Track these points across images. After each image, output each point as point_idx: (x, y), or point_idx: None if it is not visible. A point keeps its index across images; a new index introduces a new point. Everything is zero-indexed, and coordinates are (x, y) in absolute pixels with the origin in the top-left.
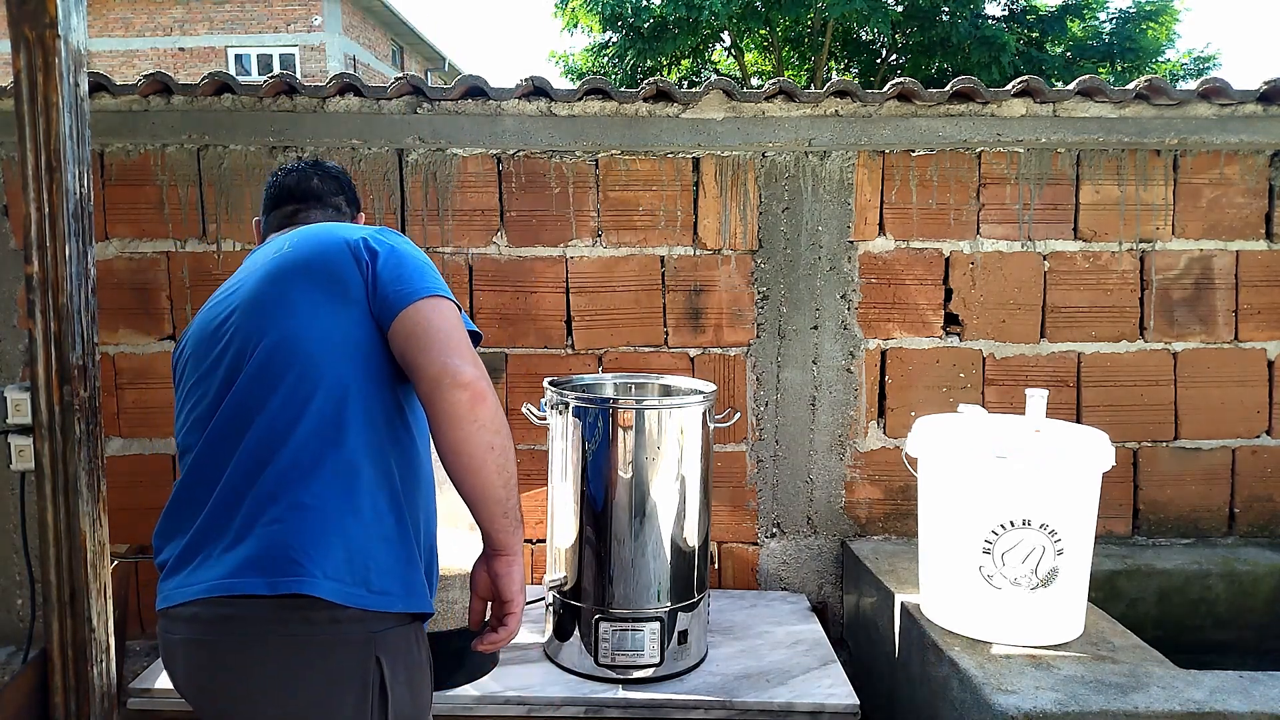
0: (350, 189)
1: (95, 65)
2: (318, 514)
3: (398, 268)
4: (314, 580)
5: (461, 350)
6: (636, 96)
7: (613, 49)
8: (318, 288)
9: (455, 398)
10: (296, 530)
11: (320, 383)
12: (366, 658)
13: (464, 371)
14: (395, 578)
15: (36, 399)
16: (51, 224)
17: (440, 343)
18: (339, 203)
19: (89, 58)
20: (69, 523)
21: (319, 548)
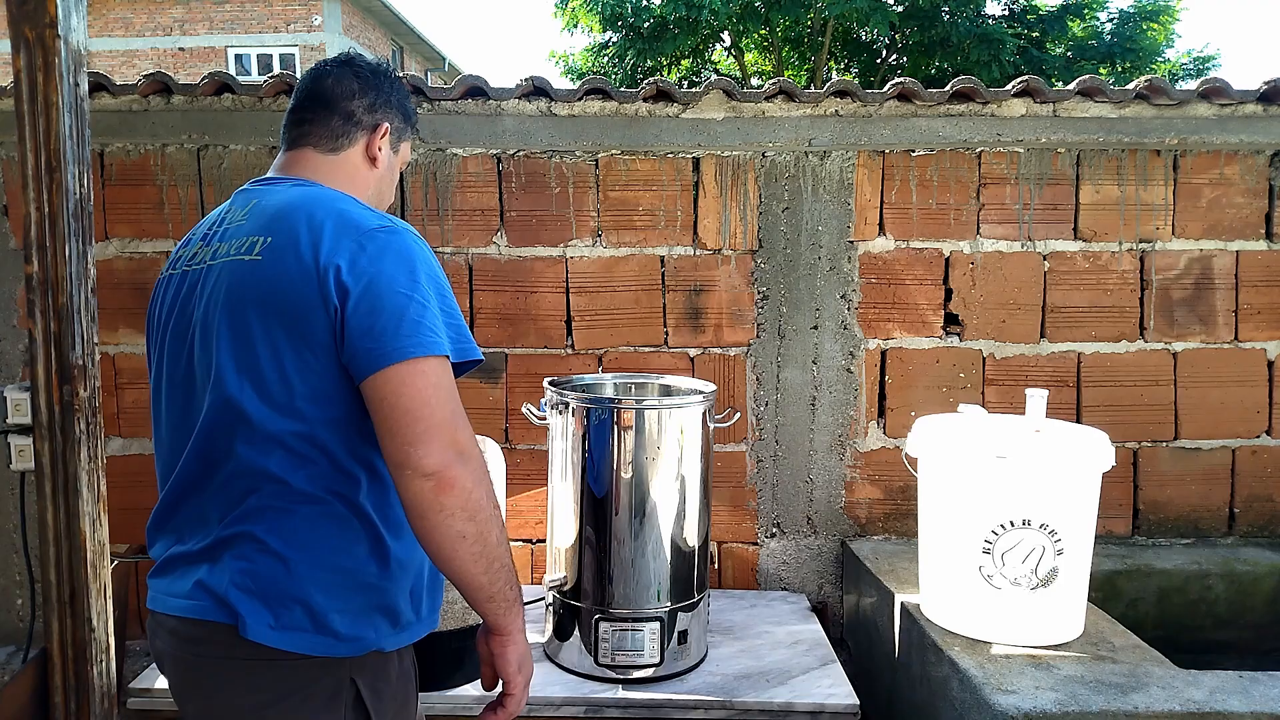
0: (379, 86)
1: (95, 65)
2: (284, 561)
3: (370, 315)
4: (278, 633)
5: (429, 432)
6: (636, 96)
7: (613, 49)
8: (280, 327)
9: (418, 488)
10: (263, 574)
11: (279, 440)
12: (340, 679)
13: (427, 461)
14: (367, 623)
15: (36, 399)
16: (51, 224)
17: (405, 426)
18: (353, 109)
19: (89, 57)
20: (69, 523)
21: (283, 598)
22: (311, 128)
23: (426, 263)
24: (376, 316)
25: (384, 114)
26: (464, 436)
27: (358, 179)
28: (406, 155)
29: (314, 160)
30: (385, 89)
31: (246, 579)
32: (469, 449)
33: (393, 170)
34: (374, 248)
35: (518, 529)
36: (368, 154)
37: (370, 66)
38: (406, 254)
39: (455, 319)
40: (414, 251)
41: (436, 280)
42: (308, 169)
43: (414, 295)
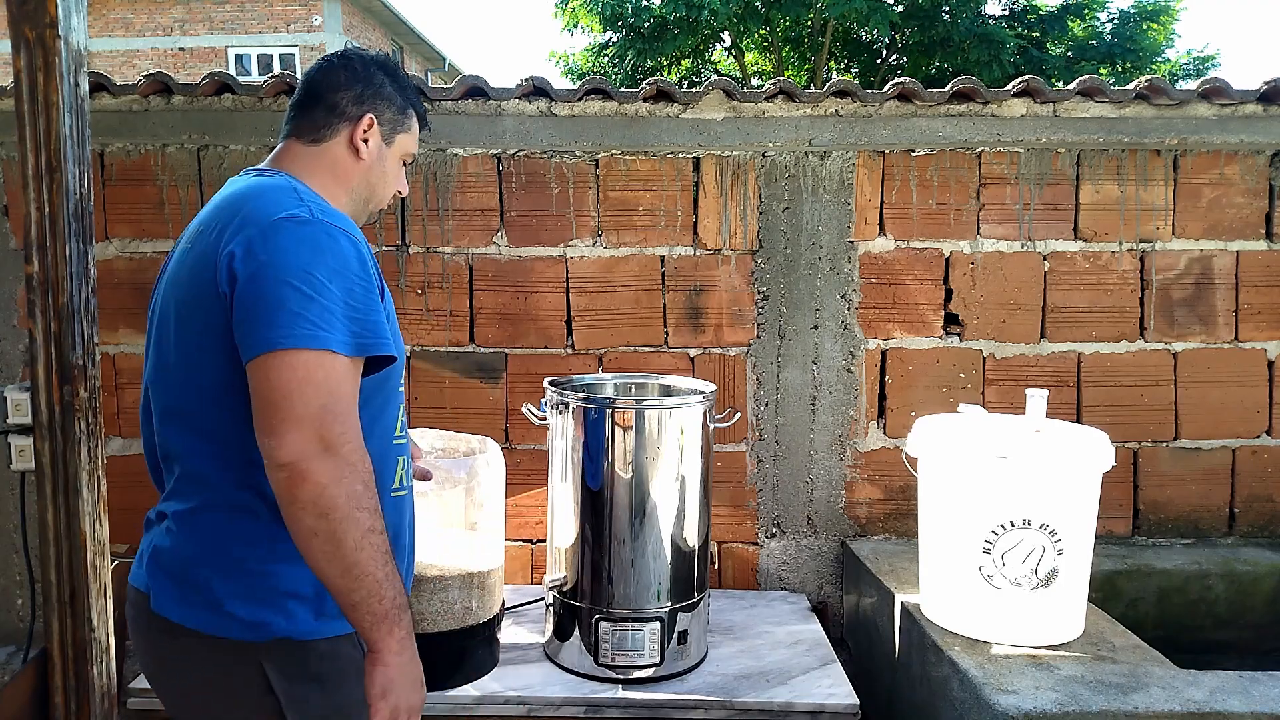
0: (369, 78)
1: (95, 65)
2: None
3: (250, 304)
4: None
5: (286, 423)
6: (636, 96)
7: (613, 49)
8: (190, 316)
9: (274, 478)
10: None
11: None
12: (248, 664)
13: (279, 453)
14: (272, 609)
15: (36, 399)
16: (51, 224)
17: (266, 416)
18: (337, 100)
19: (89, 58)
20: (69, 523)
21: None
22: (298, 119)
23: (335, 254)
24: (255, 305)
25: (371, 105)
26: (334, 432)
27: (339, 170)
28: (408, 147)
29: (294, 151)
30: (377, 81)
31: (160, 555)
32: (337, 445)
33: (384, 162)
34: (272, 235)
35: (518, 529)
36: (351, 145)
37: (365, 58)
38: (308, 243)
39: (364, 314)
40: (319, 242)
41: (346, 273)
42: (286, 159)
43: (300, 286)
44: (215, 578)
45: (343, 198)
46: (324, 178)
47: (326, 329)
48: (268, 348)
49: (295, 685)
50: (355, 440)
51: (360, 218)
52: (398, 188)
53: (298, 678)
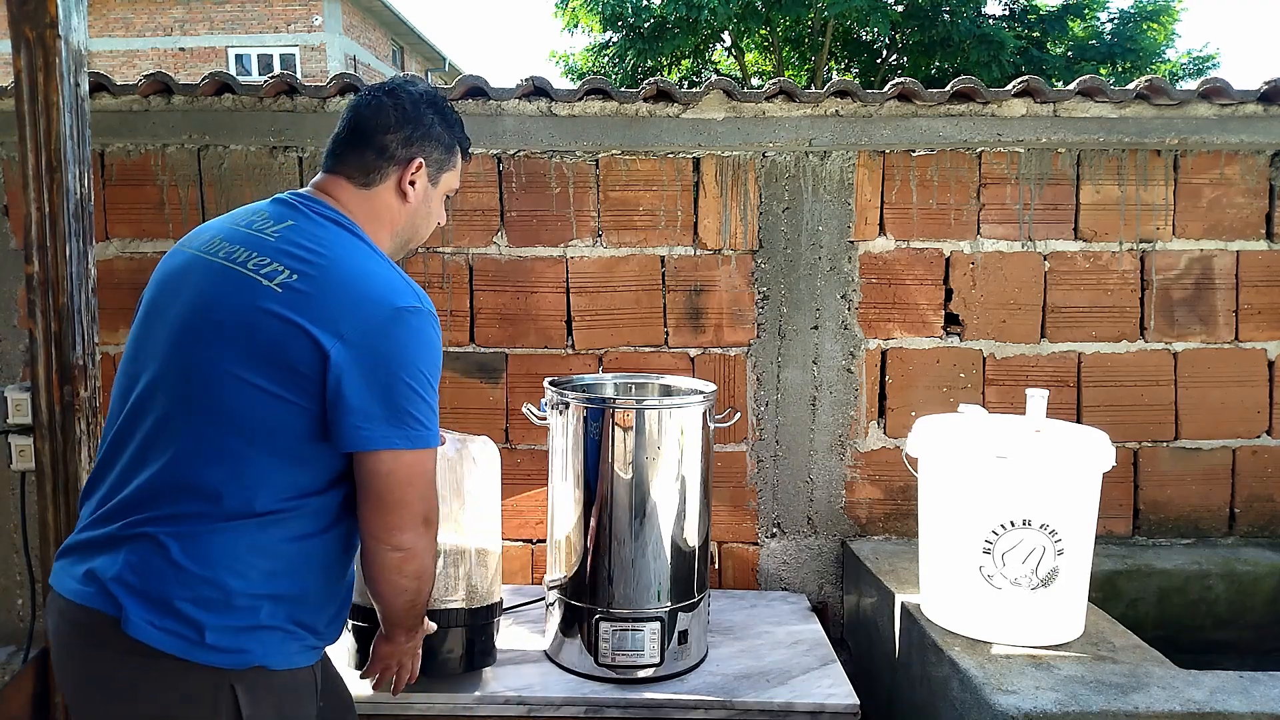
0: (418, 119)
1: (96, 65)
2: (176, 568)
3: (366, 396)
4: (159, 633)
5: (408, 515)
6: (637, 96)
7: (613, 49)
8: (256, 360)
9: (386, 558)
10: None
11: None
12: (220, 685)
13: (403, 539)
14: (252, 639)
15: (37, 399)
16: (52, 224)
17: (389, 507)
18: (387, 143)
19: (89, 58)
20: (69, 523)
21: (168, 602)
22: (348, 157)
23: (436, 350)
24: (372, 398)
25: (420, 148)
26: (432, 513)
27: (387, 215)
28: (453, 185)
29: (347, 192)
30: (426, 120)
31: (135, 576)
32: (434, 524)
33: (429, 203)
34: (392, 328)
35: (518, 529)
36: (399, 189)
37: (414, 95)
38: (421, 339)
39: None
40: (428, 337)
41: (439, 368)
42: (342, 200)
43: (415, 385)
44: (197, 607)
45: (387, 242)
46: (374, 223)
47: (432, 427)
48: (387, 445)
49: (261, 709)
50: (437, 507)
51: (398, 255)
52: (438, 221)
53: (264, 702)
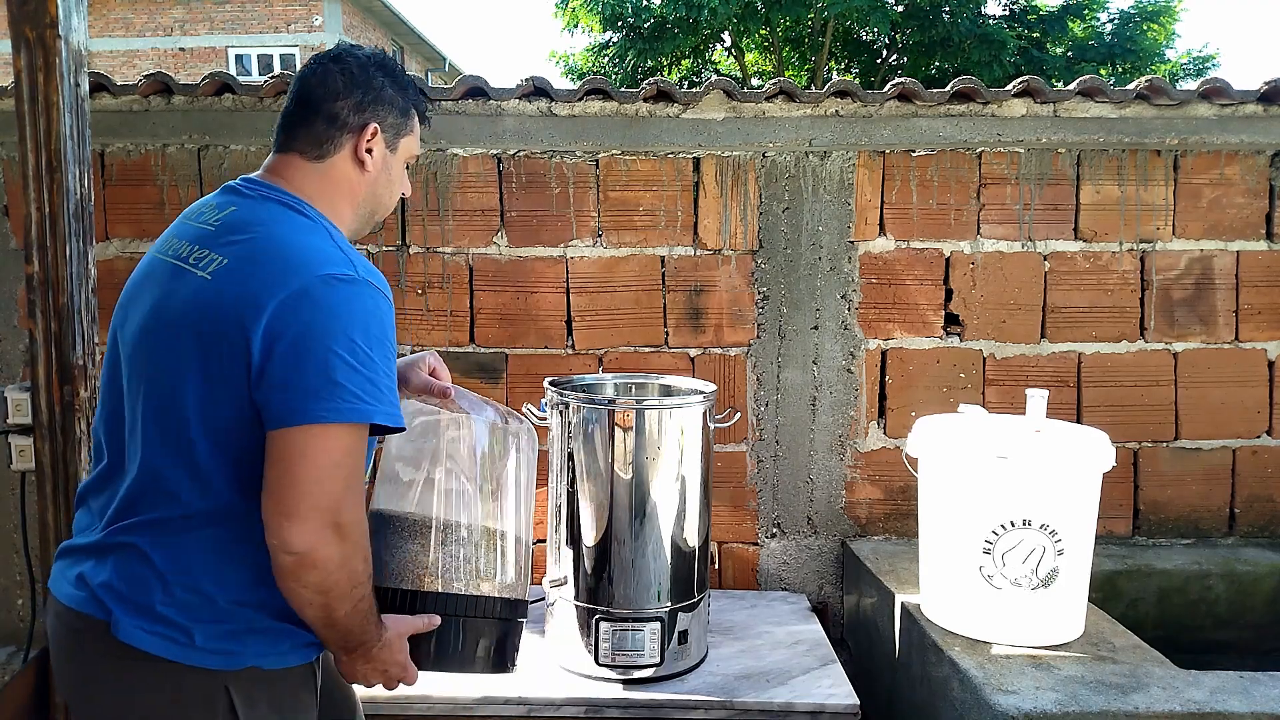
0: (368, 82)
1: (96, 65)
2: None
3: (290, 369)
4: (149, 636)
5: (305, 509)
6: (637, 97)
7: (613, 49)
8: (199, 352)
9: (280, 561)
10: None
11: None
12: (214, 687)
13: (294, 538)
14: (244, 641)
15: (37, 399)
16: (52, 224)
17: (284, 494)
18: (337, 110)
19: (89, 58)
20: (69, 523)
21: (155, 607)
22: (297, 131)
23: (378, 320)
24: (295, 371)
25: (373, 112)
26: (349, 518)
27: (346, 187)
28: (412, 150)
29: (300, 168)
30: (377, 84)
31: (118, 580)
32: (349, 529)
33: (390, 170)
34: (319, 295)
35: None
36: (355, 158)
37: (361, 59)
38: (357, 308)
39: (391, 382)
40: (364, 305)
41: (385, 341)
42: (293, 178)
43: (345, 354)
44: (183, 613)
45: (348, 215)
46: (331, 196)
47: (369, 401)
48: (305, 419)
49: (257, 710)
50: (363, 520)
51: (364, 229)
52: (402, 191)
53: (260, 702)
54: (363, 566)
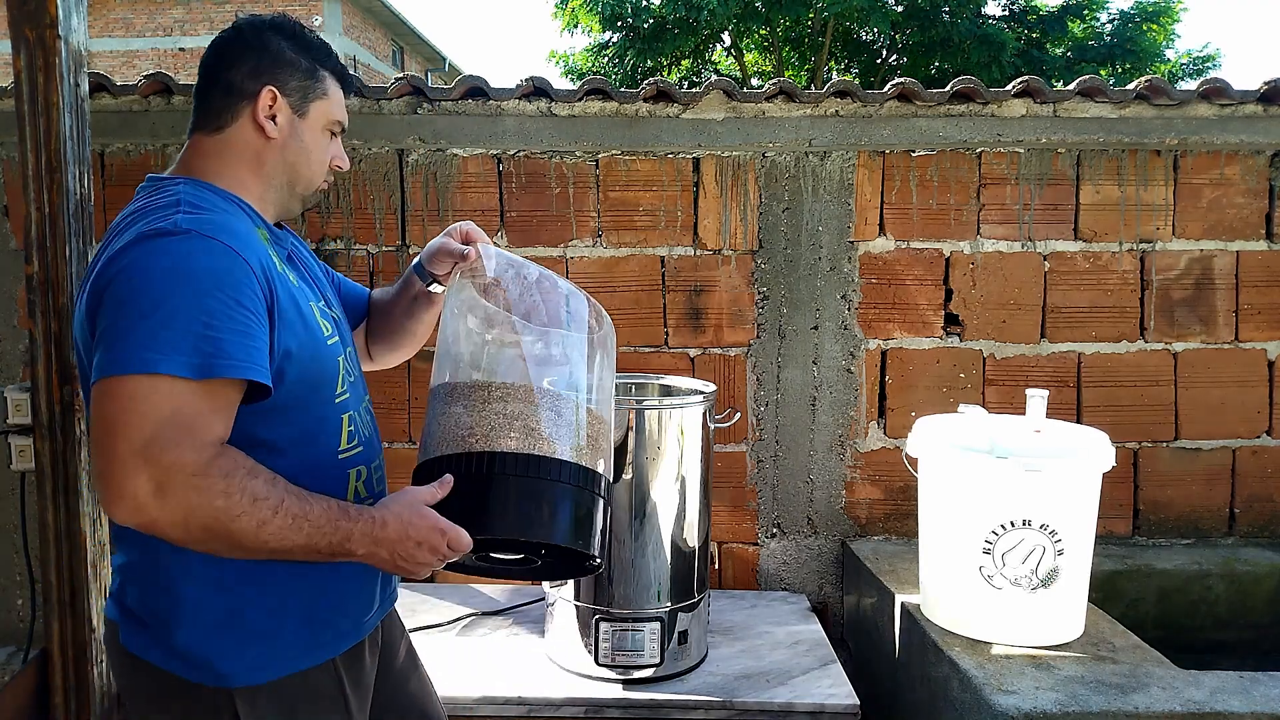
0: (264, 46)
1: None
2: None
3: (104, 328)
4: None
5: (110, 467)
6: (637, 97)
7: (613, 49)
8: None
9: (113, 514)
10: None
11: None
12: (219, 701)
13: (116, 510)
14: (228, 652)
15: (37, 399)
16: (52, 224)
17: (97, 451)
18: (232, 78)
19: (89, 58)
20: (69, 523)
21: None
22: (198, 109)
23: (188, 268)
24: (98, 330)
25: (270, 76)
26: (165, 466)
27: (248, 156)
28: (331, 114)
29: (198, 146)
30: (274, 47)
31: (122, 592)
32: (171, 481)
33: (300, 137)
34: (125, 253)
35: None
36: (255, 123)
37: (258, 24)
38: (157, 258)
39: (221, 331)
40: (170, 254)
41: (198, 288)
42: (190, 157)
43: (137, 304)
44: (177, 624)
45: (257, 187)
46: (234, 168)
47: (158, 351)
48: (97, 374)
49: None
50: (196, 463)
51: (292, 205)
52: (331, 161)
53: (268, 715)
54: (230, 501)
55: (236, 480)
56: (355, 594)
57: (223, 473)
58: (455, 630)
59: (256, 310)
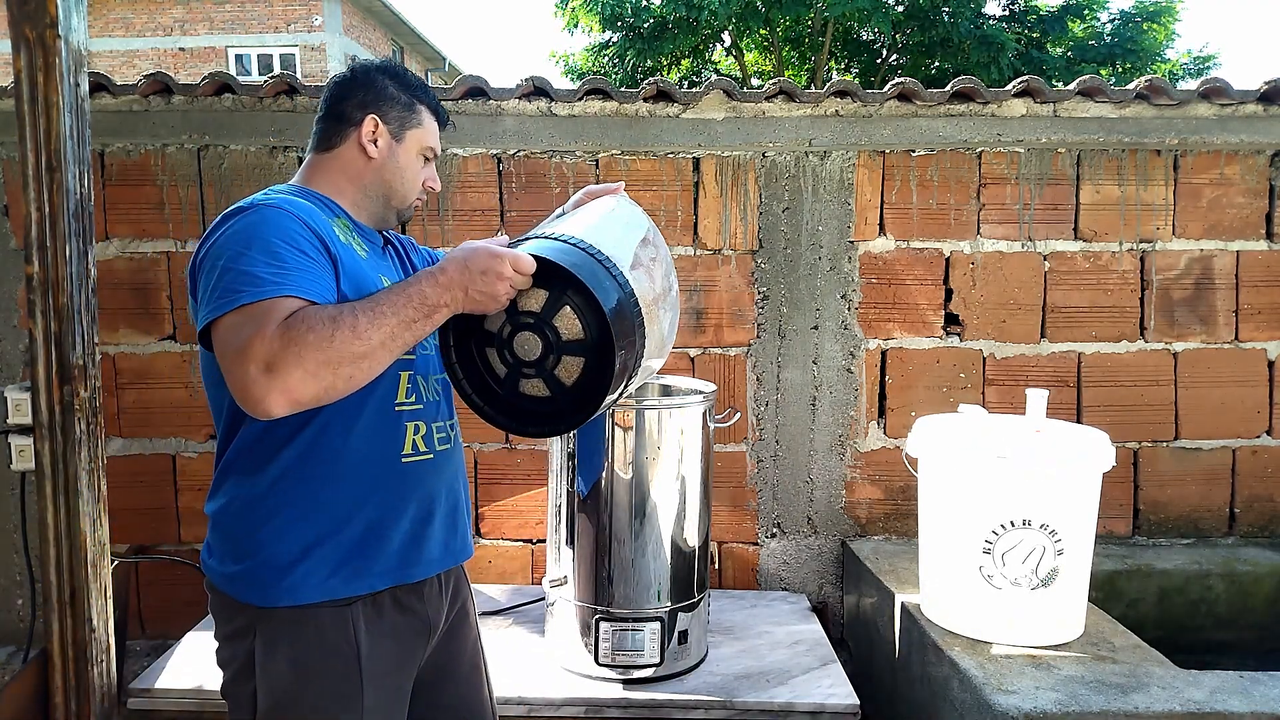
0: (370, 83)
1: (96, 65)
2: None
3: (202, 289)
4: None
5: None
6: (637, 96)
7: (613, 49)
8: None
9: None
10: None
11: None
12: (247, 631)
13: (253, 407)
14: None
15: (37, 399)
16: (52, 224)
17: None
18: (343, 109)
19: (89, 58)
20: (69, 523)
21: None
22: (317, 134)
23: (260, 226)
24: (201, 290)
25: (375, 107)
26: (263, 350)
27: (350, 170)
28: (424, 141)
29: (312, 161)
30: (379, 84)
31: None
32: (279, 357)
33: (397, 159)
34: (210, 233)
35: (518, 529)
36: (360, 145)
37: (368, 66)
38: (237, 225)
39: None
40: (248, 220)
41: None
42: (305, 168)
43: (224, 263)
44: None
45: (354, 194)
46: (335, 179)
47: (238, 290)
48: (201, 324)
49: (273, 656)
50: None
51: (388, 216)
52: (425, 183)
53: (278, 645)
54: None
55: (308, 320)
56: (378, 540)
57: (296, 323)
58: None
59: (310, 253)
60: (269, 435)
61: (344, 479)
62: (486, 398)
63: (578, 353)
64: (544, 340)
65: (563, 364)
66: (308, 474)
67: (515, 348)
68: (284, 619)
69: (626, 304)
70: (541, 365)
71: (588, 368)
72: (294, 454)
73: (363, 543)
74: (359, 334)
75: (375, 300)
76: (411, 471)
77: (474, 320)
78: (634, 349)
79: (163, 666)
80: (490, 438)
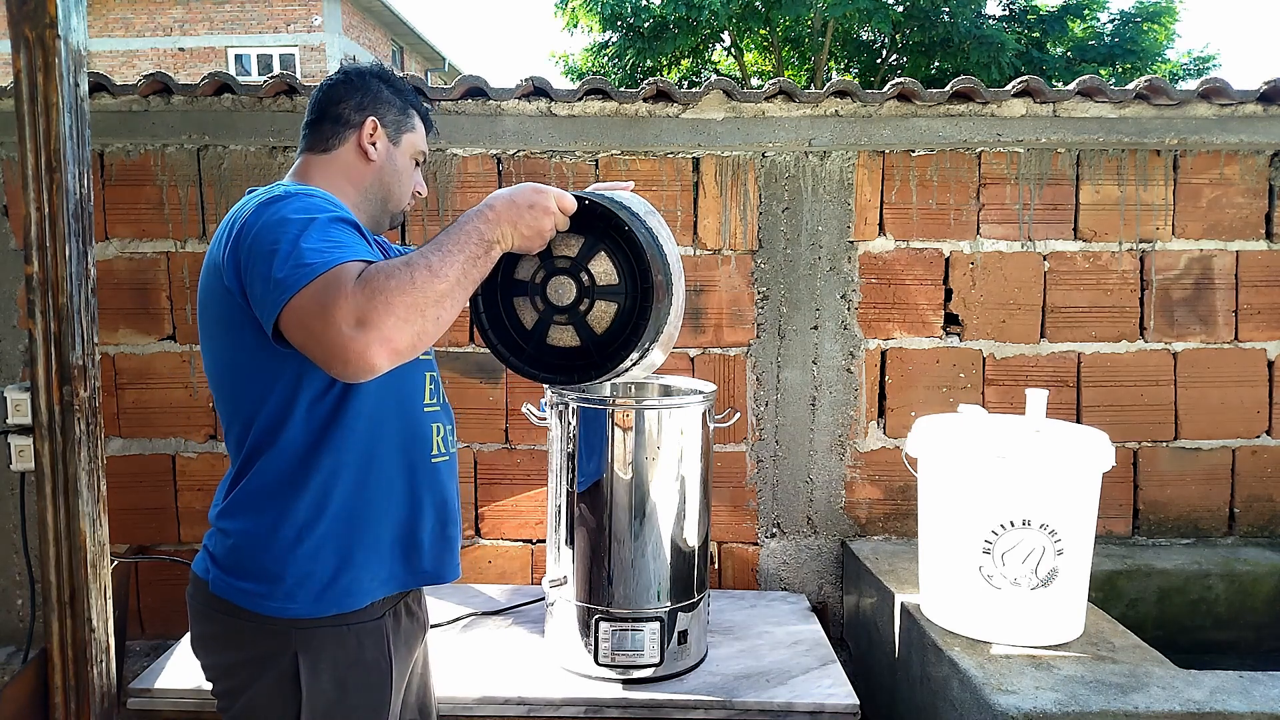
0: (366, 87)
1: (95, 65)
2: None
3: (254, 280)
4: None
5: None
6: (636, 96)
7: (613, 49)
8: (206, 322)
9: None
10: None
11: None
12: (284, 650)
13: (346, 372)
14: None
15: (36, 399)
16: (51, 224)
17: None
18: (341, 111)
19: (89, 58)
20: (69, 523)
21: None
22: (311, 135)
23: (300, 205)
24: (256, 279)
25: (372, 109)
26: (350, 308)
27: (351, 173)
28: (417, 145)
29: (308, 162)
30: (374, 88)
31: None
32: (367, 312)
33: (394, 161)
34: (251, 222)
35: (518, 529)
36: (359, 148)
37: (361, 70)
38: (279, 208)
39: (336, 236)
40: (288, 203)
41: (314, 212)
42: (301, 168)
43: (280, 239)
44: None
45: (355, 196)
46: (336, 180)
47: (307, 262)
48: (274, 311)
49: (317, 672)
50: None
51: (381, 220)
52: (415, 187)
53: (323, 657)
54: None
55: (384, 270)
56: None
57: (373, 275)
58: (455, 630)
59: (356, 229)
60: (310, 446)
61: (391, 484)
62: (511, 351)
63: (612, 298)
64: (578, 285)
65: (595, 309)
66: (356, 482)
67: (549, 293)
68: (326, 635)
69: (658, 252)
70: (575, 310)
71: (621, 312)
72: (340, 462)
73: (405, 546)
74: (436, 273)
75: (438, 242)
76: (438, 472)
77: (502, 272)
78: (665, 300)
79: (163, 666)
80: (490, 438)
